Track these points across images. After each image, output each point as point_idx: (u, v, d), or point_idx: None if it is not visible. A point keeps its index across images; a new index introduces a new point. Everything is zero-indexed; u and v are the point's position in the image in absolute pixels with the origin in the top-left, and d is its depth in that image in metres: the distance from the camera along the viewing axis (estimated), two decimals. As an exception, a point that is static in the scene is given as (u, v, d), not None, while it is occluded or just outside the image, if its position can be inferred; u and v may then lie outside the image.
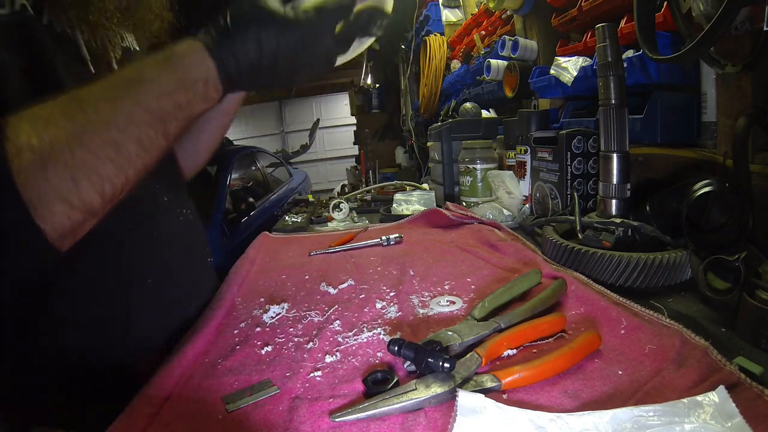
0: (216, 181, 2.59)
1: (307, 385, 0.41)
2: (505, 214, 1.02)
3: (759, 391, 0.32)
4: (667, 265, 0.57)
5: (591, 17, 0.89)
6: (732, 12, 0.49)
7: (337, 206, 1.23)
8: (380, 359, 0.44)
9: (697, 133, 0.73)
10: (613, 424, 0.31)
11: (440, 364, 0.37)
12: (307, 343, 0.48)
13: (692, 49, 0.55)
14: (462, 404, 0.33)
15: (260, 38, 0.40)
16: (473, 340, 0.44)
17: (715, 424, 0.30)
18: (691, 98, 0.73)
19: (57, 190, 0.32)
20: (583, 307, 0.51)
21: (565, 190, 0.87)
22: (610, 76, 0.66)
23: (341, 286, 0.65)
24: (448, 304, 0.56)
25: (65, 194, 0.33)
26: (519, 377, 0.37)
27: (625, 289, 0.57)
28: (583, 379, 0.38)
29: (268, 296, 0.63)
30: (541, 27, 1.20)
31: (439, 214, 1.01)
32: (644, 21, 0.66)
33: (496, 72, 1.33)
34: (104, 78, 0.37)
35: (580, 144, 0.85)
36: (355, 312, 0.56)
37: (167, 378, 0.42)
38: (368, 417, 0.35)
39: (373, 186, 1.76)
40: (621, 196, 0.68)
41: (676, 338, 0.41)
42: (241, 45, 0.39)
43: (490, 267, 0.69)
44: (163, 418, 0.37)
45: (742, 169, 0.57)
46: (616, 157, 0.67)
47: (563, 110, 1.06)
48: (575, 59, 0.88)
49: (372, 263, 0.76)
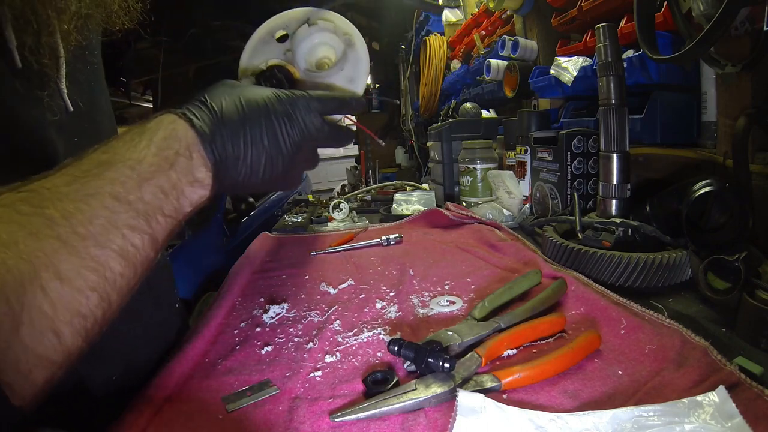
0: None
1: (307, 385, 0.41)
2: (505, 214, 1.02)
3: (759, 391, 0.32)
4: (667, 265, 0.57)
5: (591, 17, 0.89)
6: (732, 12, 0.49)
7: (337, 206, 1.23)
8: (380, 359, 0.44)
9: (697, 133, 0.73)
10: (613, 424, 0.31)
11: (440, 364, 0.37)
12: (307, 343, 0.48)
13: (692, 49, 0.55)
14: (462, 404, 0.33)
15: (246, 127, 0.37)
16: (473, 340, 0.44)
17: (715, 424, 0.30)
18: (691, 98, 0.73)
19: (35, 352, 0.24)
20: (583, 307, 0.51)
21: (565, 190, 0.87)
22: (610, 76, 0.66)
23: (341, 286, 0.65)
24: (448, 304, 0.56)
25: (45, 353, 0.25)
26: (519, 377, 0.37)
27: (625, 289, 0.57)
28: (583, 379, 0.38)
29: (268, 296, 0.63)
30: (541, 27, 1.20)
31: (439, 214, 1.01)
32: (644, 21, 0.65)
33: (496, 72, 1.33)
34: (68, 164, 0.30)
35: (580, 144, 0.85)
36: (355, 312, 0.56)
37: (167, 378, 0.42)
38: (368, 417, 0.35)
39: (373, 186, 1.76)
40: (621, 196, 0.67)
41: (676, 338, 0.41)
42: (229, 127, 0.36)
43: (490, 267, 0.69)
44: (163, 418, 0.37)
45: (742, 169, 0.57)
46: (616, 157, 0.67)
47: (563, 110, 1.06)
48: (575, 59, 0.88)
49: (372, 263, 0.76)
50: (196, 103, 0.38)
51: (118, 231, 0.28)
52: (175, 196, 0.33)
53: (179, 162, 0.33)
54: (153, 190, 0.31)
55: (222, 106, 0.38)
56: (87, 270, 0.27)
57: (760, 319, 0.42)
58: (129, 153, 0.31)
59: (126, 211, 0.29)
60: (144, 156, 0.32)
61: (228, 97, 0.39)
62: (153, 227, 0.31)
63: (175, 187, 0.33)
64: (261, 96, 0.40)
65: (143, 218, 0.30)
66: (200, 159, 0.35)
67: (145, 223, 0.30)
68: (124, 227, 0.29)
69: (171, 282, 0.57)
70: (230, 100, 0.38)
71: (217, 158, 0.36)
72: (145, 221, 0.30)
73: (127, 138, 0.33)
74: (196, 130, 0.35)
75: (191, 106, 0.37)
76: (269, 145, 0.39)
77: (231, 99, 0.39)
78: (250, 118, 0.38)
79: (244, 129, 0.38)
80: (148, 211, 0.30)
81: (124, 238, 0.29)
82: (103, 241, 0.28)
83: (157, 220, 0.31)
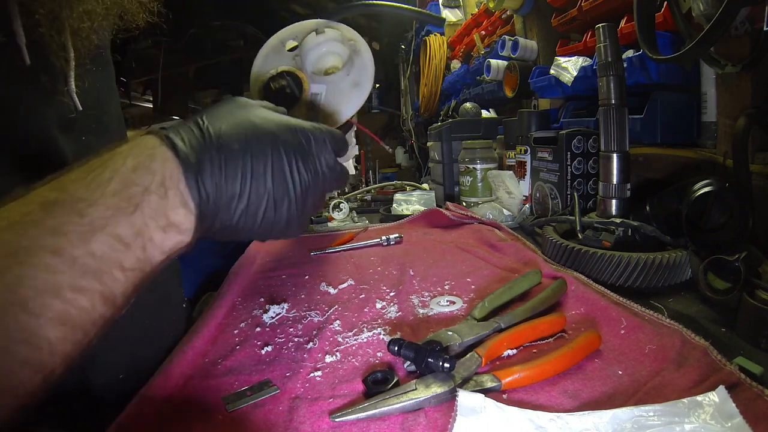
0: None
1: (307, 385, 0.41)
2: (505, 214, 1.02)
3: (759, 391, 0.32)
4: (667, 265, 0.57)
5: (591, 17, 0.89)
6: (732, 12, 0.49)
7: (337, 206, 1.23)
8: (380, 359, 0.44)
9: (697, 133, 0.73)
10: (613, 424, 0.31)
11: (440, 364, 0.37)
12: (307, 343, 0.48)
13: (692, 49, 0.55)
14: (462, 404, 0.33)
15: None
16: (473, 340, 0.44)
17: (715, 424, 0.30)
18: (691, 98, 0.73)
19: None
20: (583, 307, 0.51)
21: (565, 190, 0.87)
22: (610, 76, 0.65)
23: (341, 286, 0.65)
24: (448, 304, 0.56)
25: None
26: (519, 377, 0.37)
27: (625, 289, 0.57)
28: (583, 379, 0.38)
29: (268, 296, 0.63)
30: (541, 27, 1.20)
31: (439, 214, 1.01)
32: (644, 21, 0.65)
33: (496, 72, 1.33)
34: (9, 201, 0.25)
35: (580, 144, 0.85)
36: (355, 312, 0.56)
37: (167, 378, 0.42)
38: (368, 417, 0.35)
39: (373, 186, 1.76)
40: (621, 196, 0.67)
41: (676, 338, 0.41)
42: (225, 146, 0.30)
43: (490, 267, 0.69)
44: (163, 418, 0.37)
45: (742, 169, 0.57)
46: (616, 157, 0.67)
47: (563, 110, 1.06)
48: (575, 59, 0.88)
49: (372, 263, 0.76)
50: (189, 123, 0.31)
51: (56, 295, 0.23)
52: (139, 245, 0.26)
53: (148, 202, 0.27)
54: (108, 241, 0.25)
55: (220, 129, 0.31)
56: (17, 342, 0.22)
57: (760, 319, 0.42)
58: (82, 191, 0.25)
59: (69, 269, 0.24)
60: (100, 196, 0.25)
61: (230, 119, 0.32)
62: (108, 284, 0.25)
63: (140, 234, 0.26)
64: (272, 121, 0.33)
65: (93, 276, 0.24)
66: (178, 198, 0.28)
67: (95, 282, 0.24)
68: (65, 289, 0.23)
69: (178, 280, 0.55)
70: (232, 122, 0.32)
71: (204, 197, 0.29)
72: (95, 279, 0.24)
73: (86, 169, 0.27)
74: (180, 158, 0.29)
75: (182, 126, 0.31)
76: (274, 185, 0.32)
77: (234, 121, 0.32)
78: (253, 147, 0.31)
79: (244, 160, 0.31)
80: (100, 268, 0.25)
81: (65, 302, 0.23)
82: (36, 308, 0.22)
83: (114, 276, 0.25)
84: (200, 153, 0.29)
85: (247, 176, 0.31)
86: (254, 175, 0.31)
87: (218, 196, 0.30)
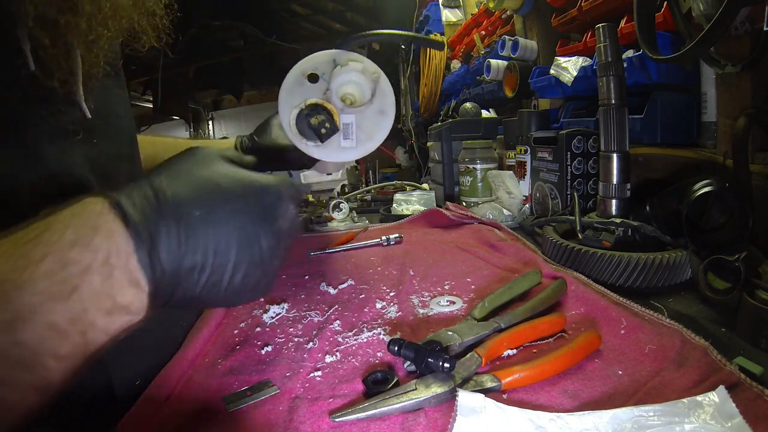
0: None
1: (307, 385, 0.41)
2: (505, 214, 1.02)
3: (759, 391, 0.32)
4: (667, 265, 0.57)
5: (591, 17, 0.89)
6: (732, 12, 0.49)
7: (337, 206, 1.23)
8: (380, 359, 0.44)
9: (697, 133, 0.73)
10: (613, 424, 0.31)
11: (440, 364, 0.37)
12: (307, 343, 0.48)
13: (692, 49, 0.55)
14: (462, 404, 0.33)
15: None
16: (473, 340, 0.44)
17: (715, 424, 0.30)
18: (691, 98, 0.73)
19: None
20: (583, 307, 0.51)
21: (565, 190, 0.87)
22: (610, 76, 0.65)
23: (341, 286, 0.65)
24: (448, 304, 0.56)
25: None
26: (519, 377, 0.37)
27: (625, 289, 0.57)
28: (583, 379, 0.38)
29: (268, 296, 0.63)
30: (541, 27, 1.20)
31: (439, 214, 1.01)
32: (644, 21, 0.65)
33: (496, 72, 1.33)
34: None
35: (580, 144, 0.85)
36: (355, 312, 0.56)
37: (167, 378, 0.42)
38: (368, 417, 0.35)
39: (373, 186, 1.76)
40: (621, 196, 0.67)
41: (676, 338, 0.41)
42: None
43: (490, 267, 0.69)
44: (163, 418, 0.37)
45: (742, 169, 0.57)
46: (616, 157, 0.67)
47: (563, 110, 1.06)
48: (575, 59, 0.88)
49: (372, 263, 0.76)
50: (143, 184, 0.27)
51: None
52: (78, 332, 0.23)
53: (89, 283, 0.23)
54: (38, 330, 0.21)
55: (179, 192, 0.27)
56: None
57: (760, 319, 0.42)
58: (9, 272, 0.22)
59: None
60: (29, 277, 0.22)
61: (190, 179, 0.28)
62: (40, 374, 0.22)
63: (78, 320, 0.23)
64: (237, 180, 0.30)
65: (21, 368, 0.21)
66: (126, 277, 0.24)
67: (25, 373, 0.21)
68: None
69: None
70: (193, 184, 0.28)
71: (159, 273, 0.26)
72: (25, 371, 0.21)
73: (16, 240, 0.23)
74: (130, 229, 0.25)
75: (135, 188, 0.27)
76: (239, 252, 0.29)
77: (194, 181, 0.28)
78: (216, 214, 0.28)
79: (206, 230, 0.27)
80: (30, 357, 0.21)
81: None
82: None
83: (46, 366, 0.22)
84: (155, 223, 0.26)
85: (209, 247, 0.27)
86: (218, 246, 0.28)
87: (176, 270, 0.26)
